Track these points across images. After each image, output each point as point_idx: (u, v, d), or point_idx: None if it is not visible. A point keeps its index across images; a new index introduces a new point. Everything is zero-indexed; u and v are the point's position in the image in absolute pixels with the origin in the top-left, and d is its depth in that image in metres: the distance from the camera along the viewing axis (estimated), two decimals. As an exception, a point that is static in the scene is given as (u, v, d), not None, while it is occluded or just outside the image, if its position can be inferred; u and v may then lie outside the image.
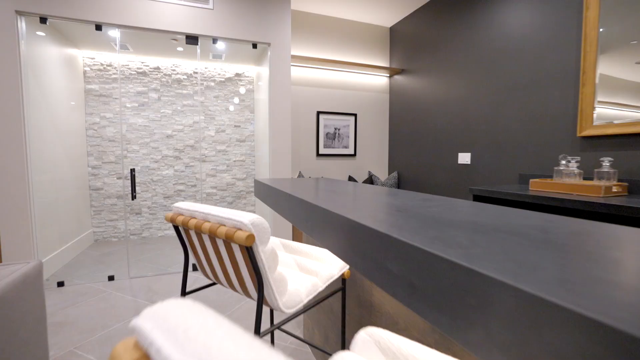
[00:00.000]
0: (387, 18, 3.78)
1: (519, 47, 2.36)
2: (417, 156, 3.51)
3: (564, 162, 1.90)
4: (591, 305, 0.23)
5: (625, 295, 0.25)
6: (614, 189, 1.65)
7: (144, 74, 3.70)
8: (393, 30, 3.90)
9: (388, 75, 3.92)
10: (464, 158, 2.85)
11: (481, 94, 2.69)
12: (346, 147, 3.72)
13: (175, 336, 0.25)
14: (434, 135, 3.25)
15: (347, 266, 1.05)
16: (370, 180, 3.79)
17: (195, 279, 2.54)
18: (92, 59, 3.50)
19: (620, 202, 1.44)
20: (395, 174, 3.74)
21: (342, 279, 1.05)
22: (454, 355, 0.70)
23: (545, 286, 0.26)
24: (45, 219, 2.50)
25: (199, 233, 0.86)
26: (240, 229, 0.71)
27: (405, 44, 3.69)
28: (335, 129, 3.65)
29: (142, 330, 0.27)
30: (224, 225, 0.75)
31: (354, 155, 3.78)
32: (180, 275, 2.65)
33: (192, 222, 0.82)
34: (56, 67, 2.78)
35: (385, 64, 3.92)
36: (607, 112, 1.85)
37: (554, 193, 1.78)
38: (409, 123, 3.63)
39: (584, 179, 1.93)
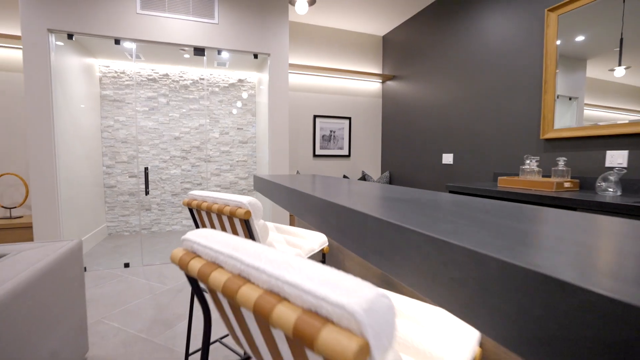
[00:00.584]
0: (380, 27, 4.05)
1: (495, 58, 2.61)
2: (407, 157, 3.77)
3: (527, 161, 2.15)
4: (418, 226, 0.50)
5: (443, 225, 0.51)
6: (566, 185, 1.90)
7: (154, 80, 4.00)
8: (386, 38, 4.16)
9: (381, 81, 4.18)
10: (447, 158, 3.11)
11: (462, 100, 2.95)
12: (341, 148, 3.99)
13: (207, 238, 0.52)
14: (421, 137, 3.51)
15: (327, 243, 1.31)
16: (364, 179, 4.05)
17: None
18: (107, 67, 3.79)
19: (565, 196, 1.70)
20: (387, 173, 4.00)
21: (323, 254, 1.32)
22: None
23: (397, 218, 0.53)
24: (68, 212, 2.79)
25: (209, 212, 1.12)
26: (240, 207, 0.98)
27: (397, 51, 3.95)
28: (331, 131, 3.92)
29: (188, 237, 0.54)
30: (228, 205, 1.01)
31: (349, 156, 4.05)
32: (188, 264, 2.92)
33: (204, 204, 1.09)
34: (76, 75, 3.08)
35: (378, 71, 4.19)
36: (593, 114, 1.98)
37: (517, 188, 2.04)
38: (400, 126, 3.89)
39: (545, 176, 2.18)
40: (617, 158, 1.84)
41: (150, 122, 4.01)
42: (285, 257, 0.41)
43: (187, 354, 1.34)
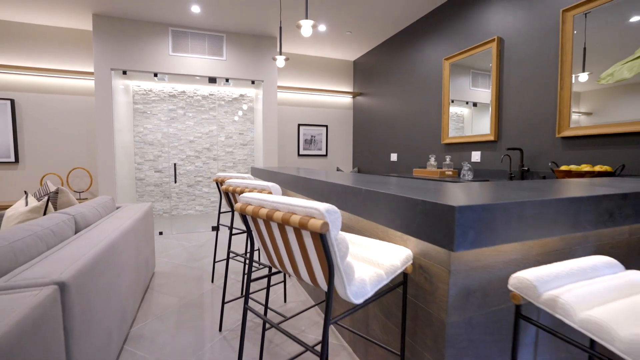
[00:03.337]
0: (351, 54, 5.16)
1: (420, 84, 3.73)
2: (370, 156, 4.89)
3: (431, 158, 3.27)
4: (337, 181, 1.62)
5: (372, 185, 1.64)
6: (447, 173, 3.02)
7: (174, 96, 5.10)
8: (356, 63, 5.28)
9: (352, 96, 5.30)
10: (394, 157, 4.23)
11: (403, 112, 4.06)
12: (320, 149, 5.10)
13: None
14: (379, 140, 4.63)
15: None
16: (339, 173, 5.17)
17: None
18: (139, 86, 4.90)
19: (442, 179, 2.81)
20: (356, 168, 5.12)
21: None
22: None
23: (346, 181, 1.65)
24: (119, 196, 3.90)
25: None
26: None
27: (364, 73, 5.07)
28: (312, 136, 5.04)
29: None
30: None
31: (326, 155, 5.17)
32: (204, 234, 4.03)
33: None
34: (120, 93, 4.19)
35: (350, 89, 5.31)
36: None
37: (421, 176, 3.15)
38: (366, 132, 5.00)
39: (439, 167, 3.30)
40: (475, 156, 2.96)
41: (171, 129, 5.12)
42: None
43: (214, 262, 2.45)
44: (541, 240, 1.10)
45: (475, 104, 3.01)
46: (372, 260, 1.01)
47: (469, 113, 3.09)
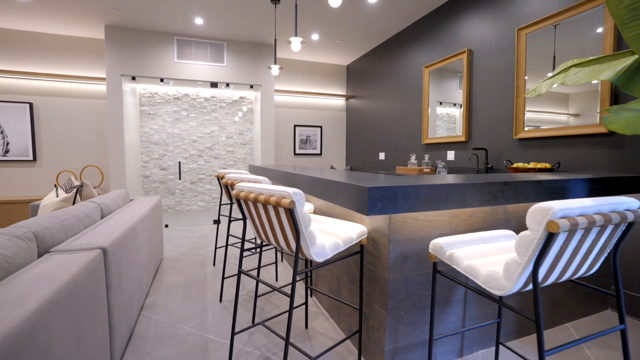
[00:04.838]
0: (344, 59, 5.48)
1: (406, 88, 4.05)
2: (362, 154, 5.22)
3: (412, 157, 3.59)
4: (336, 178, 1.96)
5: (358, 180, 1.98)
6: (425, 170, 3.35)
7: (177, 98, 5.44)
8: (349, 67, 5.60)
9: (345, 99, 5.63)
10: (382, 156, 4.55)
11: (389, 114, 4.39)
12: (315, 149, 5.43)
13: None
14: (370, 141, 4.96)
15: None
16: (332, 171, 5.50)
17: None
18: (145, 89, 5.24)
19: (418, 174, 3.14)
20: (349, 167, 5.44)
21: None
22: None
23: (336, 177, 1.99)
24: (129, 191, 4.24)
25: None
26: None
27: (356, 77, 5.39)
28: (307, 136, 5.37)
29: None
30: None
31: (320, 154, 5.50)
32: (206, 227, 4.37)
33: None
34: (128, 96, 4.53)
35: (343, 92, 5.63)
36: (535, 117, 3.47)
37: (402, 173, 3.48)
38: (358, 132, 5.33)
39: (419, 166, 3.63)
40: (450, 155, 3.29)
41: (175, 129, 5.46)
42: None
43: (215, 248, 2.79)
44: (469, 219, 1.43)
45: (462, 106, 3.16)
46: (333, 233, 1.36)
47: (459, 113, 3.19)
